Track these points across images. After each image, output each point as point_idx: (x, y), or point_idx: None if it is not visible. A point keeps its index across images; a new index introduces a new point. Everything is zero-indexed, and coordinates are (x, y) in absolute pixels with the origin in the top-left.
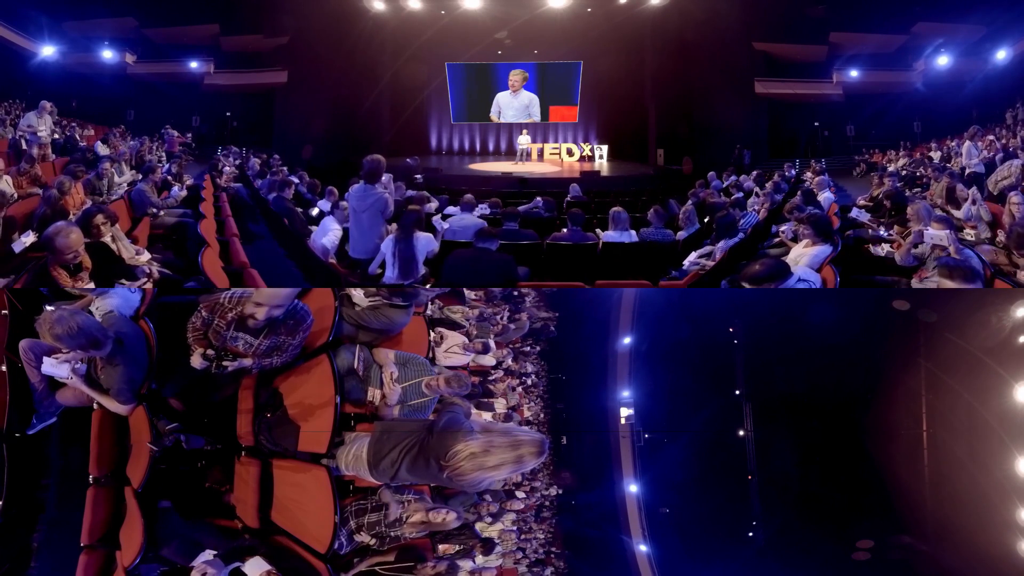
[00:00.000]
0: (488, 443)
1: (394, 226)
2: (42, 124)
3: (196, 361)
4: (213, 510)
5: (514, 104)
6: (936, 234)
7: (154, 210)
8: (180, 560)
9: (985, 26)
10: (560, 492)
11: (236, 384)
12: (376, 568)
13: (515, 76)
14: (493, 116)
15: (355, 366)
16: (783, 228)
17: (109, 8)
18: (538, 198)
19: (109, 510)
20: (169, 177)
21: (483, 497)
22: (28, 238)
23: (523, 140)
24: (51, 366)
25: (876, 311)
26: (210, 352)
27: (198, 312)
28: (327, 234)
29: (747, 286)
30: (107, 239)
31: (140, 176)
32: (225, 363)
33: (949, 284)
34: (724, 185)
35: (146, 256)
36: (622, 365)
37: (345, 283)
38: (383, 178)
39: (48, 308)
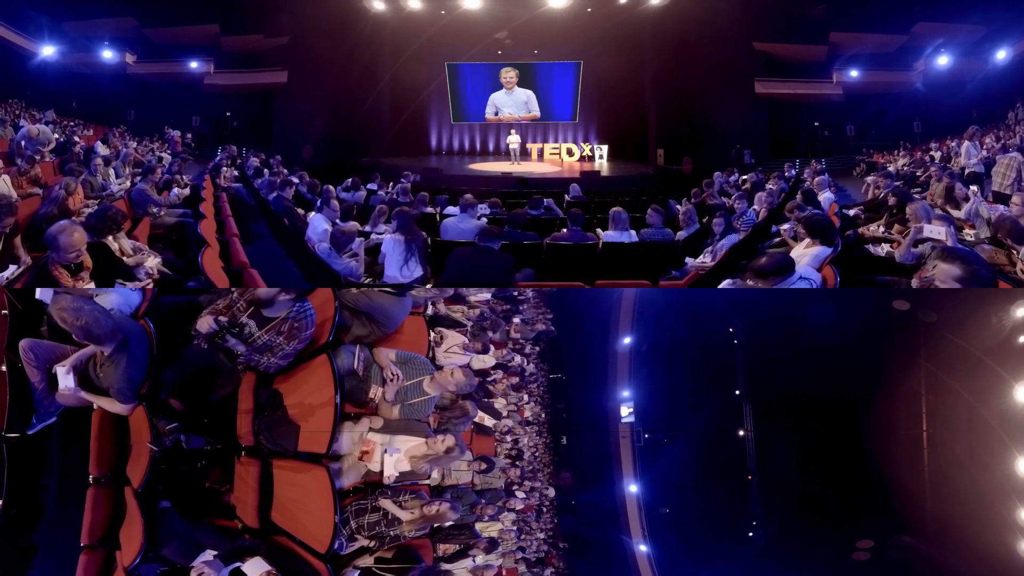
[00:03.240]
0: None
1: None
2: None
3: (204, 324)
4: (213, 510)
5: (509, 102)
6: (935, 229)
7: (155, 209)
8: (180, 560)
9: (985, 26)
10: (560, 492)
11: (235, 382)
12: (374, 568)
13: (508, 73)
14: (489, 116)
15: (355, 366)
16: (784, 227)
17: (109, 8)
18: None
19: (109, 510)
20: (175, 176)
21: (482, 497)
22: (9, 273)
23: (512, 140)
24: (61, 376)
25: (876, 311)
26: (223, 319)
27: (231, 292)
28: (317, 232)
29: (752, 281)
30: (107, 239)
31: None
32: (227, 337)
33: (947, 271)
34: (720, 184)
35: (152, 259)
36: (622, 365)
37: (345, 283)
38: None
39: (58, 293)
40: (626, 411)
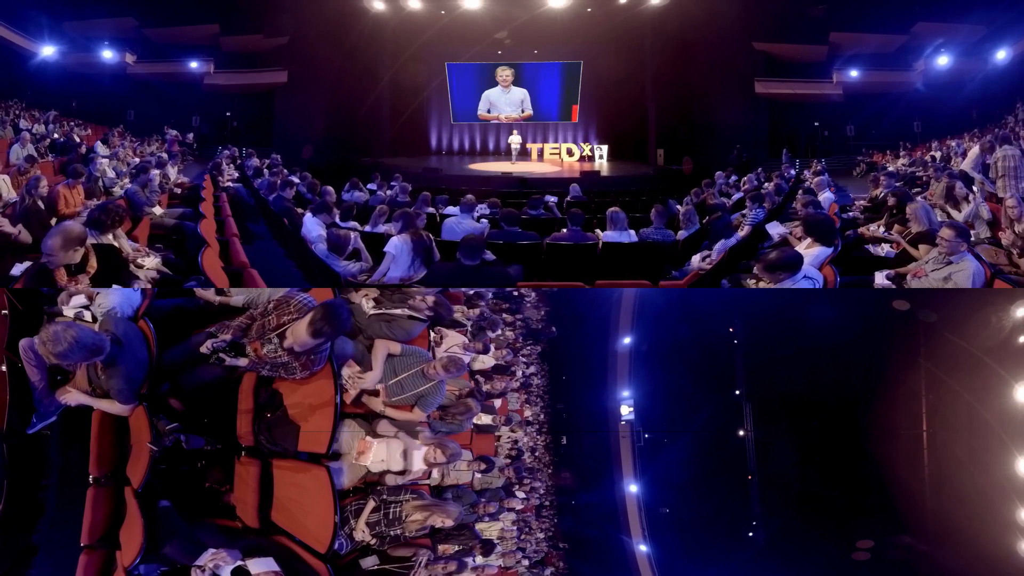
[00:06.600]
0: None
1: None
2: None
3: (206, 346)
4: (213, 510)
5: (504, 100)
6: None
7: (146, 209)
8: (180, 560)
9: (985, 26)
10: (560, 492)
11: (231, 370)
12: (384, 566)
13: (504, 72)
14: (482, 113)
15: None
16: (775, 232)
17: (109, 8)
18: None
19: (109, 510)
20: (169, 174)
21: (482, 496)
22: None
23: (514, 140)
24: None
25: (876, 311)
26: (224, 339)
27: (269, 300)
28: (311, 235)
29: (761, 275)
30: (108, 238)
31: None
32: (226, 356)
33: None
34: (721, 185)
35: (152, 260)
36: (622, 365)
37: (345, 283)
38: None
39: (45, 326)
40: (626, 411)
